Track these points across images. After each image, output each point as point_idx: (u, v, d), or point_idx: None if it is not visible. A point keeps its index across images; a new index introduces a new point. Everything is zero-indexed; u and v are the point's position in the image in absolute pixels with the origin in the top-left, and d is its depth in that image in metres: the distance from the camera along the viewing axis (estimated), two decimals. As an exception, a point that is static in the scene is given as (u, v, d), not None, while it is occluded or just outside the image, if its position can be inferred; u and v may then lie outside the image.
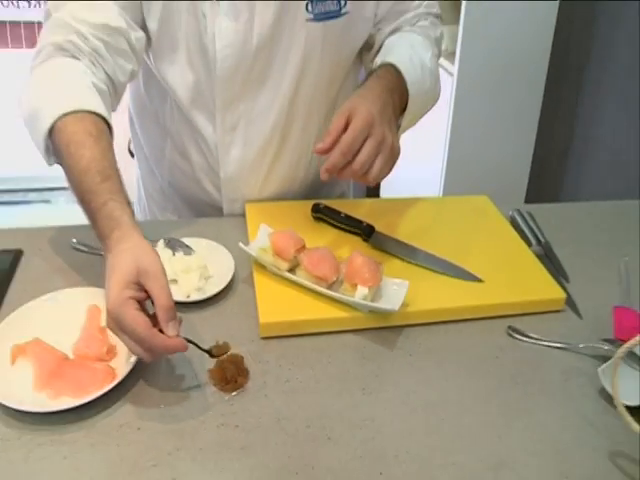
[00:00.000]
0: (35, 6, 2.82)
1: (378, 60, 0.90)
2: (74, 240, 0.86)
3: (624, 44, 1.60)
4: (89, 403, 0.61)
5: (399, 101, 0.85)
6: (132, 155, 2.45)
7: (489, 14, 1.77)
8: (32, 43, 2.89)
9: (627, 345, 0.59)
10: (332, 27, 0.89)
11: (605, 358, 0.70)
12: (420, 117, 0.95)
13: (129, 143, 2.59)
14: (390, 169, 0.79)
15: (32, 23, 2.83)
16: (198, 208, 1.03)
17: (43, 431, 0.59)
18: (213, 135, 0.93)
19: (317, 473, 0.57)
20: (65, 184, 0.72)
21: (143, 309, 0.61)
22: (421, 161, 2.11)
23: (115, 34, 0.80)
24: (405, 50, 0.91)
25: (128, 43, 0.82)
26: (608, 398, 0.66)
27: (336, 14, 0.89)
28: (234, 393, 0.65)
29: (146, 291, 0.61)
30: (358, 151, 0.74)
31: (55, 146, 0.73)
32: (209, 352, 0.66)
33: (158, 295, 0.60)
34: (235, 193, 0.98)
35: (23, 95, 0.78)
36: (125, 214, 0.66)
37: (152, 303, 0.61)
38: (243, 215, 0.94)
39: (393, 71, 0.86)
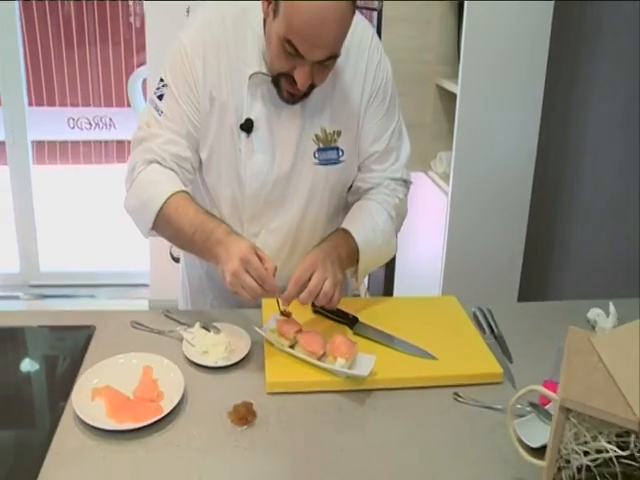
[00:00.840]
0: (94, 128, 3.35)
1: (342, 224, 1.24)
2: (132, 320, 1.17)
3: (608, 170, 1.89)
4: (144, 427, 0.88)
5: (345, 253, 1.18)
6: (173, 259, 2.84)
7: (478, 141, 2.05)
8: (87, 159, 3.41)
9: (515, 398, 0.84)
10: (332, 170, 1.24)
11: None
12: (378, 264, 1.30)
13: (170, 248, 3.00)
14: (337, 291, 1.10)
15: (77, 143, 3.37)
16: (227, 297, 1.33)
17: (113, 444, 0.87)
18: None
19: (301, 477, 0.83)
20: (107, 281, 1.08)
21: None
22: (423, 265, 2.39)
23: (183, 160, 1.18)
24: (361, 217, 1.25)
25: (191, 165, 1.19)
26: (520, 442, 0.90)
27: (335, 161, 1.24)
28: (245, 427, 0.91)
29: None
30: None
31: (160, 218, 1.12)
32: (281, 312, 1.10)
33: (268, 259, 1.02)
34: None
35: (128, 191, 1.17)
36: (225, 231, 1.08)
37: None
38: (259, 306, 1.24)
39: (343, 233, 1.20)
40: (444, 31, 2.18)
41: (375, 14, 2.14)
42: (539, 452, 0.84)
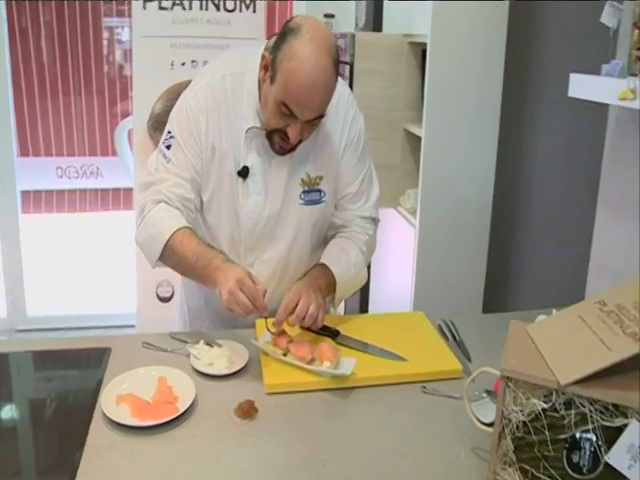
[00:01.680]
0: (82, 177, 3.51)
1: (321, 259, 1.44)
2: (143, 341, 1.34)
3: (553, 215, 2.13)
4: (164, 424, 1.05)
5: (324, 283, 1.39)
6: (160, 299, 2.99)
7: (442, 179, 2.25)
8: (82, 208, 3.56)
9: (470, 378, 1.04)
10: (315, 209, 1.44)
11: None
12: (351, 291, 1.52)
13: (157, 289, 3.15)
14: (320, 313, 1.29)
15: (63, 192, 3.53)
16: (223, 321, 1.50)
17: (139, 438, 1.04)
18: None
19: (295, 459, 1.00)
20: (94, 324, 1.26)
21: None
22: (395, 289, 2.60)
23: (188, 201, 1.37)
24: (336, 253, 1.46)
25: (194, 206, 1.38)
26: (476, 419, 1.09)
27: (318, 201, 1.44)
28: (249, 420, 1.09)
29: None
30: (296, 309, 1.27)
31: (167, 249, 1.30)
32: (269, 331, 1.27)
33: (259, 283, 1.21)
34: None
35: (139, 227, 1.36)
36: (223, 259, 1.27)
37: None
38: (252, 326, 1.42)
39: (321, 267, 1.41)
40: (410, 81, 2.41)
41: (348, 67, 2.37)
42: (490, 427, 1.03)
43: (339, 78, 1.32)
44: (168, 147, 1.36)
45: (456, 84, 2.14)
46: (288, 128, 1.27)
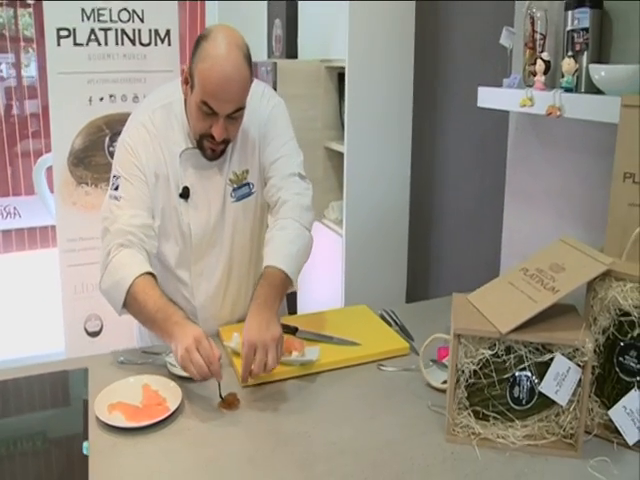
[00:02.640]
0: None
1: (265, 262, 1.40)
2: (120, 358, 1.42)
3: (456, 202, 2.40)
4: (159, 422, 1.15)
5: (278, 296, 1.36)
6: (88, 334, 2.98)
7: (363, 190, 2.46)
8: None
9: (424, 344, 1.22)
10: (247, 203, 1.54)
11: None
12: (306, 259, 1.48)
13: (85, 324, 3.13)
14: (279, 348, 1.26)
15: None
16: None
17: (137, 438, 1.13)
18: (189, 279, 1.54)
19: (283, 434, 1.14)
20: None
21: None
22: (325, 295, 2.78)
23: (148, 227, 1.42)
24: (278, 243, 1.43)
25: (154, 231, 1.44)
26: (428, 385, 1.28)
27: (249, 194, 1.55)
28: (232, 410, 1.21)
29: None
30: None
31: (129, 296, 1.33)
32: (222, 398, 1.24)
33: (215, 347, 1.20)
34: (206, 314, 1.57)
35: (104, 274, 1.39)
36: (182, 316, 1.28)
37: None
38: (210, 334, 1.51)
39: (267, 276, 1.36)
40: (328, 103, 2.63)
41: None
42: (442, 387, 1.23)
43: (253, 79, 1.42)
44: (116, 188, 1.44)
45: (372, 102, 2.37)
46: (212, 128, 1.36)
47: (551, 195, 1.61)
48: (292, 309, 3.13)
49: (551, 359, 1.05)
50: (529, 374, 1.07)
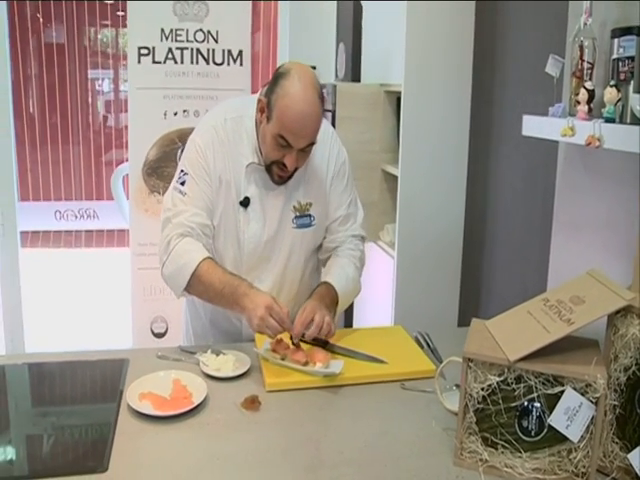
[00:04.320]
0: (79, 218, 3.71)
1: (322, 278, 1.64)
2: (159, 353, 1.51)
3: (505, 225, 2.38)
4: (182, 414, 1.23)
5: (329, 300, 1.56)
6: (154, 335, 3.15)
7: (417, 214, 2.48)
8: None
9: (440, 366, 1.23)
10: (306, 232, 1.64)
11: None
12: (350, 302, 1.72)
13: (151, 325, 3.30)
14: (333, 324, 1.48)
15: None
16: (226, 338, 1.69)
17: (161, 426, 1.21)
18: None
19: (295, 439, 1.19)
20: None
21: None
22: (377, 314, 2.79)
23: (206, 227, 1.55)
24: (337, 271, 1.65)
25: (210, 231, 1.56)
26: (448, 409, 1.29)
27: (309, 225, 1.64)
28: (252, 411, 1.27)
29: None
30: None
31: (194, 278, 1.47)
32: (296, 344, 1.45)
33: (283, 306, 1.39)
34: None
35: (166, 261, 1.52)
36: (248, 286, 1.45)
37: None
38: (251, 339, 1.60)
39: (327, 286, 1.59)
40: (386, 126, 2.68)
41: (330, 114, 2.63)
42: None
43: (323, 119, 1.54)
44: (182, 183, 1.56)
45: (428, 127, 2.40)
46: (285, 158, 1.48)
47: (597, 226, 1.58)
48: (348, 326, 3.17)
49: (562, 392, 1.04)
50: (538, 405, 1.06)
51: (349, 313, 3.16)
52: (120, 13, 4.22)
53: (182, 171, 1.58)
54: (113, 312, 3.52)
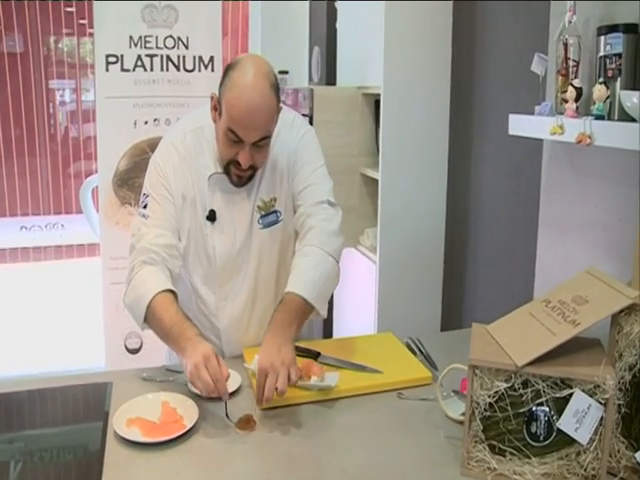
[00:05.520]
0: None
1: (286, 288, 1.41)
2: (144, 375, 1.44)
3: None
4: (174, 439, 1.17)
5: (296, 322, 1.38)
6: (129, 351, 3.04)
7: (398, 217, 2.44)
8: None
9: (442, 375, 1.20)
10: (274, 230, 1.56)
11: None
12: (331, 290, 1.50)
13: (125, 341, 3.17)
14: (292, 372, 1.26)
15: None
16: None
17: (152, 453, 1.14)
18: (214, 302, 1.56)
19: (296, 458, 1.13)
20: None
21: None
22: (358, 320, 2.75)
23: (172, 247, 1.46)
24: (301, 270, 1.44)
25: (178, 252, 1.47)
26: (448, 416, 1.25)
27: (275, 222, 1.56)
28: (247, 431, 1.22)
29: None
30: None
31: (149, 311, 1.36)
32: (227, 416, 1.25)
33: (224, 365, 1.22)
34: (230, 337, 1.59)
35: (127, 290, 1.43)
36: (195, 333, 1.30)
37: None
38: (235, 356, 1.54)
39: (286, 302, 1.39)
40: (364, 129, 2.64)
41: (307, 119, 2.56)
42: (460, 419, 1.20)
43: (283, 106, 1.46)
44: (145, 206, 1.49)
45: (408, 129, 2.37)
46: (239, 155, 1.40)
47: (585, 225, 1.57)
48: (327, 334, 3.12)
49: (570, 395, 1.01)
50: (547, 409, 1.03)
51: (329, 321, 3.11)
52: (83, 21, 4.11)
53: (144, 194, 1.51)
54: (84, 328, 3.40)
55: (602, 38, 1.32)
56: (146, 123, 2.73)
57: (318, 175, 1.57)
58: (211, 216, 1.50)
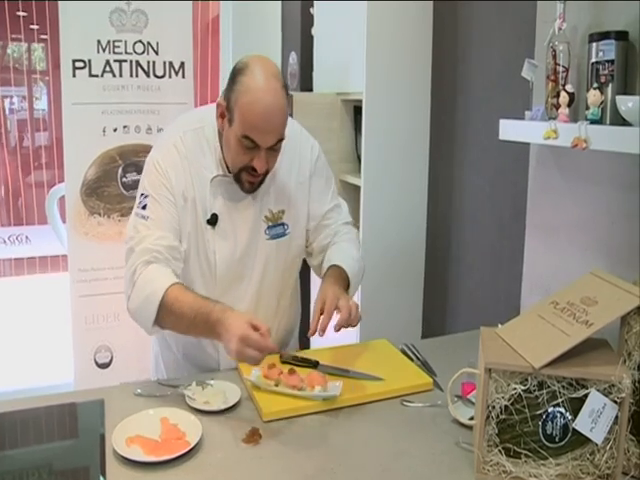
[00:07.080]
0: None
1: (327, 264, 1.53)
2: (137, 390, 1.38)
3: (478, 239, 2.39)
4: (178, 457, 1.12)
5: (342, 283, 1.48)
6: (98, 365, 2.94)
7: (380, 222, 2.42)
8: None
9: (452, 379, 1.19)
10: (281, 243, 1.54)
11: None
12: (359, 284, 1.63)
13: (95, 355, 3.06)
14: (357, 311, 1.39)
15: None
16: (203, 370, 1.56)
17: (156, 473, 1.09)
18: None
19: (307, 471, 1.10)
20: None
21: None
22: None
23: (174, 249, 1.40)
24: (343, 254, 1.56)
25: (180, 254, 1.42)
26: (454, 421, 1.24)
27: (283, 234, 1.54)
28: (253, 445, 1.18)
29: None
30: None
31: (162, 309, 1.31)
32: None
33: (262, 326, 1.22)
34: None
35: (131, 293, 1.36)
36: (221, 310, 1.29)
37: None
38: (231, 368, 1.49)
39: (337, 269, 1.50)
40: (344, 135, 2.64)
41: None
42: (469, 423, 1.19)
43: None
44: (144, 207, 1.42)
45: (389, 135, 2.37)
46: (254, 161, 1.36)
47: (573, 228, 1.59)
48: (303, 341, 3.08)
49: (585, 395, 1.02)
50: (563, 410, 1.03)
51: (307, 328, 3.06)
52: (34, 27, 3.98)
53: (142, 194, 1.44)
54: (52, 344, 3.27)
55: (594, 45, 1.35)
56: (115, 130, 2.64)
57: (337, 195, 1.67)
58: (212, 220, 1.45)
